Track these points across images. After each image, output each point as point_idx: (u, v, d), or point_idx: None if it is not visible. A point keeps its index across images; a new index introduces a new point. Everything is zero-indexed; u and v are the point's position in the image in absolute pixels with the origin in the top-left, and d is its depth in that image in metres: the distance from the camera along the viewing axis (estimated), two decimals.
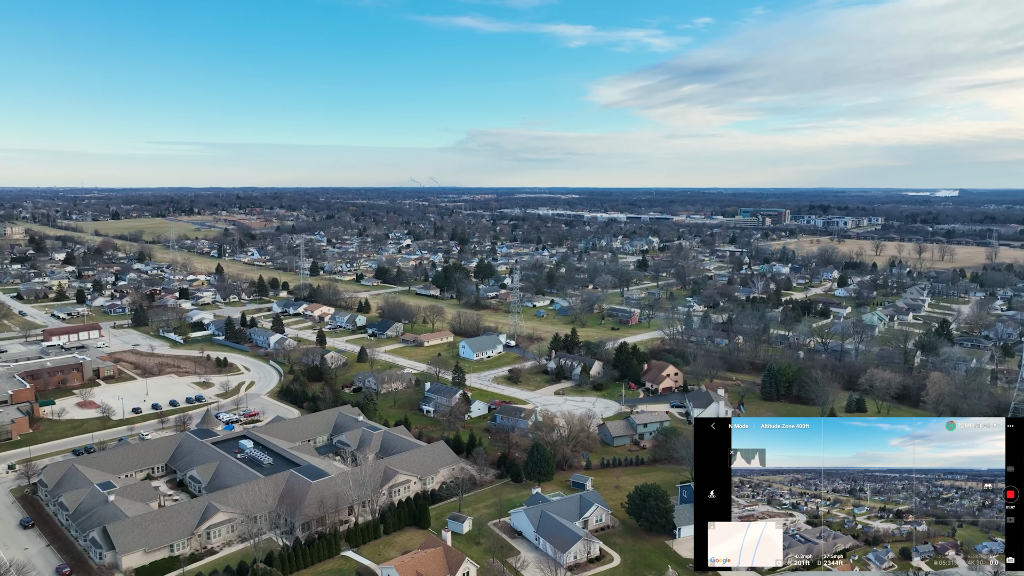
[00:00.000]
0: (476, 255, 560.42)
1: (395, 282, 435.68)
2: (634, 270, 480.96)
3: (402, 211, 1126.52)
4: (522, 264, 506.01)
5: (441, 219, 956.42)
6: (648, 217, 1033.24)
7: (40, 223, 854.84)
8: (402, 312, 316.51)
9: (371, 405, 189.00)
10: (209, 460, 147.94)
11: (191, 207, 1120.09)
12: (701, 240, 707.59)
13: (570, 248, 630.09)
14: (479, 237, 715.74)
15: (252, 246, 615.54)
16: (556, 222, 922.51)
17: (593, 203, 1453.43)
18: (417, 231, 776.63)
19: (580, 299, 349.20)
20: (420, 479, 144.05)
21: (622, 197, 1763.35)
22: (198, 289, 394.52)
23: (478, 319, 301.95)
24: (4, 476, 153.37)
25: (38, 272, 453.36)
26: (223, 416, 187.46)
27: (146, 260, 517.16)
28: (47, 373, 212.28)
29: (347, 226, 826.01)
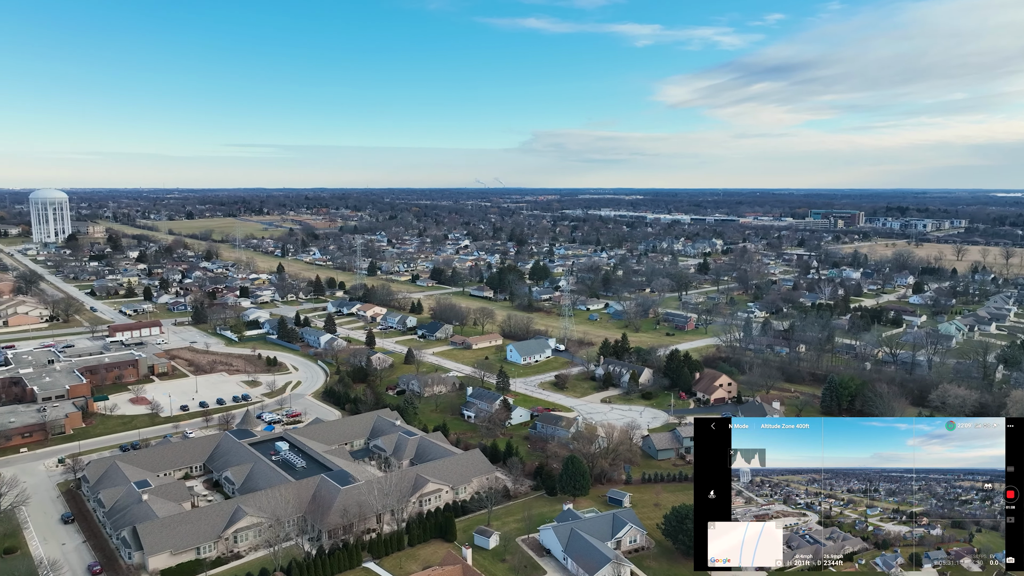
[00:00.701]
0: (533, 256, 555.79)
1: (450, 283, 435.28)
2: (694, 273, 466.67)
3: (464, 212, 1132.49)
4: (579, 266, 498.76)
5: (502, 220, 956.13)
6: (713, 219, 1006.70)
7: (121, 222, 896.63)
8: (453, 314, 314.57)
9: (411, 409, 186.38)
10: (244, 461, 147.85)
11: (261, 207, 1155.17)
12: (767, 243, 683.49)
13: (629, 250, 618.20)
14: (537, 238, 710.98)
15: (315, 246, 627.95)
16: (617, 223, 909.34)
17: (657, 204, 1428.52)
18: (476, 232, 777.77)
19: (635, 303, 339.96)
20: (452, 488, 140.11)
21: (688, 198, 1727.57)
22: (259, 288, 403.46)
23: (528, 322, 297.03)
24: (53, 470, 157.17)
25: (112, 269, 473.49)
26: (266, 416, 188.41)
27: (213, 259, 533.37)
28: (104, 369, 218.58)
29: (408, 226, 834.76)
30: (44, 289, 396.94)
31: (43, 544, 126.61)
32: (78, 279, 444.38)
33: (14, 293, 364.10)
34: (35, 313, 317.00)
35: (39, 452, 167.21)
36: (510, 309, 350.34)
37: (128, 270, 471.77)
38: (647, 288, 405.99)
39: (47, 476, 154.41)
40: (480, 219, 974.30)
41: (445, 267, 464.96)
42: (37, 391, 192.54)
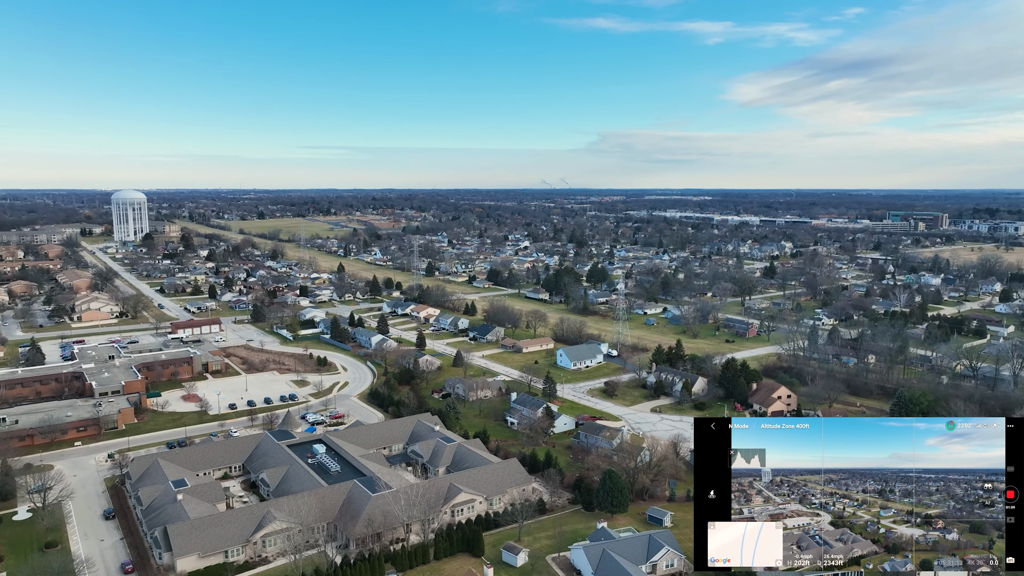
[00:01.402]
0: (592, 258, 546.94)
1: (507, 284, 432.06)
2: (759, 278, 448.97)
3: (526, 212, 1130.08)
4: (639, 269, 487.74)
5: (564, 221, 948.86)
6: (784, 220, 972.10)
7: (196, 222, 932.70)
8: (506, 316, 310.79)
9: (452, 414, 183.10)
10: (280, 464, 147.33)
11: (329, 207, 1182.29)
12: (840, 246, 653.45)
13: (692, 253, 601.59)
14: (598, 240, 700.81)
15: (376, 246, 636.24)
16: (682, 225, 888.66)
17: (726, 205, 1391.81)
18: (537, 233, 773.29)
19: (694, 308, 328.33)
20: (486, 499, 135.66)
21: (758, 199, 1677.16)
22: (318, 287, 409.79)
23: (581, 326, 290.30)
24: (102, 465, 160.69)
25: (183, 268, 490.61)
26: (310, 417, 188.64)
27: (278, 258, 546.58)
28: (160, 365, 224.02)
29: (470, 227, 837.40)
30: (118, 286, 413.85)
31: (83, 540, 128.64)
32: (150, 277, 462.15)
33: (90, 289, 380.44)
34: (106, 309, 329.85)
35: (92, 446, 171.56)
36: (564, 312, 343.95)
37: (197, 268, 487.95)
38: (708, 292, 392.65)
39: (96, 471, 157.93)
40: (542, 220, 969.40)
41: (502, 268, 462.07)
42: (95, 386, 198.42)
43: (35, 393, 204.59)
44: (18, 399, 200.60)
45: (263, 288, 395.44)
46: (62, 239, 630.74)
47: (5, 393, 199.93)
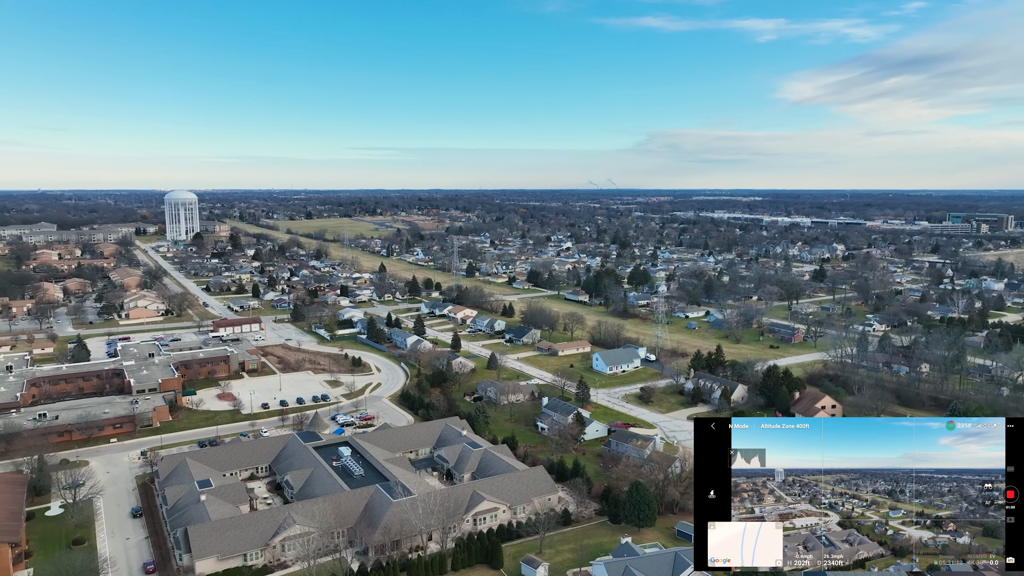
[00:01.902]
0: (635, 260, 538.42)
1: (546, 286, 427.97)
2: (808, 281, 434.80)
3: (571, 213, 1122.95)
4: (682, 271, 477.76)
5: (608, 222, 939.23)
6: (836, 222, 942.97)
7: (246, 222, 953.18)
8: (543, 318, 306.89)
9: (482, 418, 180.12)
10: (305, 466, 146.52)
11: (375, 208, 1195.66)
12: (895, 248, 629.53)
13: (739, 255, 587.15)
14: (642, 241, 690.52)
15: (419, 246, 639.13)
16: (730, 226, 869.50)
17: (776, 206, 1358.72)
18: (579, 234, 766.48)
19: (738, 311, 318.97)
20: (509, 507, 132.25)
21: (810, 200, 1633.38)
22: (359, 287, 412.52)
23: (618, 329, 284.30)
24: (135, 462, 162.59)
25: (229, 267, 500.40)
26: (339, 418, 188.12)
27: (322, 257, 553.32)
28: (198, 364, 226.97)
29: (513, 228, 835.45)
30: (166, 284, 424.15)
31: (109, 537, 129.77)
32: (198, 275, 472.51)
33: (139, 287, 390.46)
34: (152, 307, 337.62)
35: (127, 443, 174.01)
36: (603, 315, 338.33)
37: (243, 267, 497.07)
38: (754, 296, 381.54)
39: (128, 468, 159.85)
40: (586, 221, 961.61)
41: (542, 269, 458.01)
42: (133, 383, 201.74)
43: (78, 389, 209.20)
44: (61, 395, 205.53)
45: (305, 287, 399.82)
46: (117, 238, 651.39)
47: (49, 388, 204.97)
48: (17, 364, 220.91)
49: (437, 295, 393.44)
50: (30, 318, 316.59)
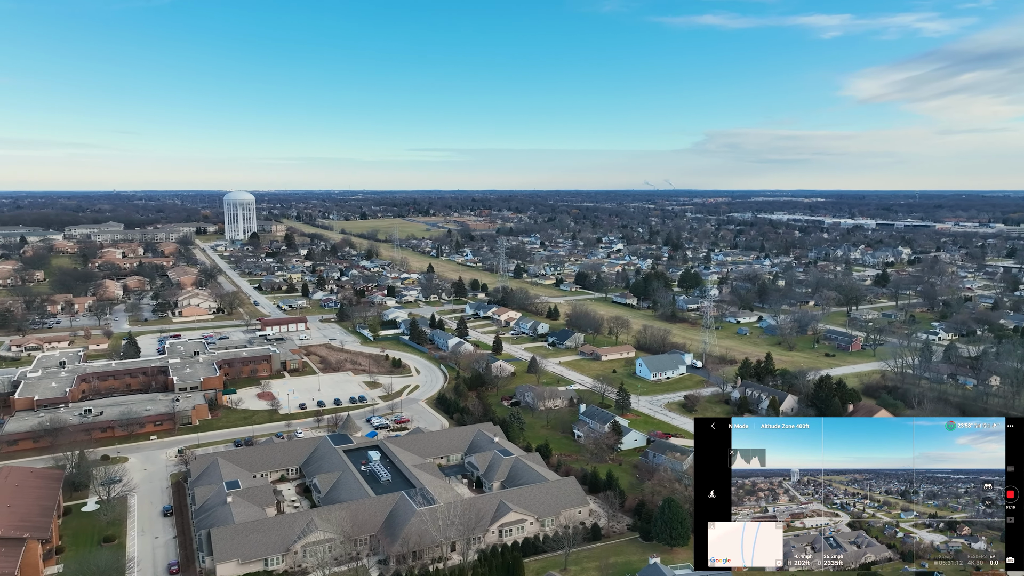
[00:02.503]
0: (687, 262, 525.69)
1: (594, 288, 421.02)
2: (869, 286, 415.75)
3: (624, 214, 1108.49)
4: (736, 274, 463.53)
5: (662, 223, 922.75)
6: (903, 224, 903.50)
7: (302, 222, 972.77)
8: (587, 321, 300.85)
9: (516, 424, 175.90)
10: (333, 469, 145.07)
11: (428, 208, 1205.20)
12: (967, 252, 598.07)
13: (797, 258, 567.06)
14: (696, 243, 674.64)
15: (468, 247, 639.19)
16: (789, 228, 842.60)
17: (840, 208, 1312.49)
18: (631, 235, 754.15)
19: (792, 317, 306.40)
20: (537, 519, 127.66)
21: (876, 201, 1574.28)
22: (407, 287, 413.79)
23: (664, 334, 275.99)
24: (171, 460, 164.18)
25: (282, 266, 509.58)
26: (374, 420, 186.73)
27: (372, 257, 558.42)
28: (241, 362, 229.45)
29: (564, 229, 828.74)
30: (221, 283, 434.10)
31: (139, 536, 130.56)
32: (252, 274, 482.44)
33: (194, 286, 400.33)
34: (204, 305, 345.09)
35: (166, 441, 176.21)
36: (651, 319, 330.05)
37: (296, 267, 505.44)
38: (810, 301, 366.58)
39: (165, 466, 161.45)
40: (639, 222, 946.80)
41: (591, 271, 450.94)
42: (176, 381, 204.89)
43: (125, 386, 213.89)
44: (110, 391, 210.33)
45: (353, 287, 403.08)
46: (178, 237, 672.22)
47: (98, 384, 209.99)
48: (71, 360, 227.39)
49: (483, 296, 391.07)
50: (90, 314, 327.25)
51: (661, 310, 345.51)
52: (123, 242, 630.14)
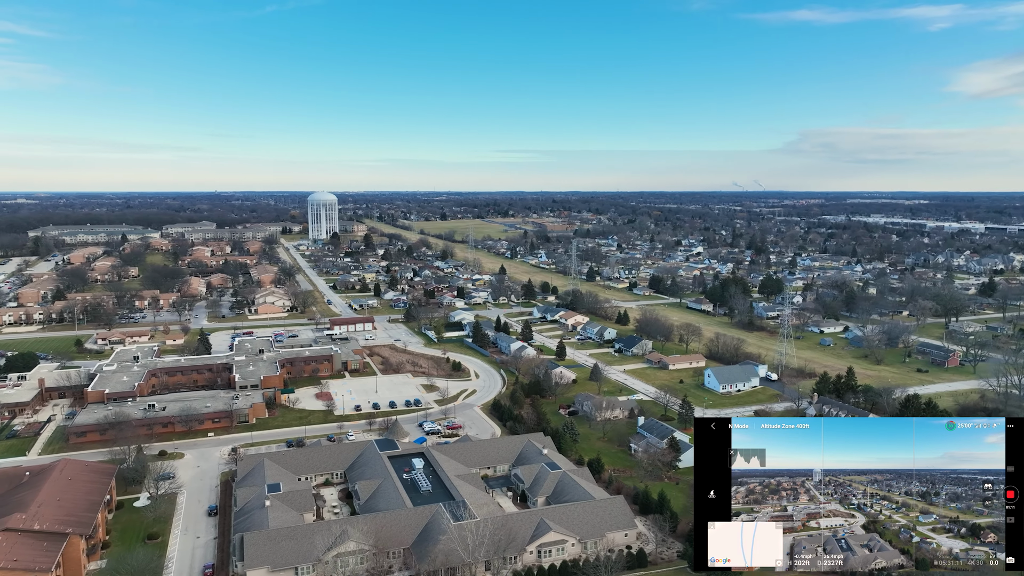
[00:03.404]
0: (770, 267, 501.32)
1: (668, 293, 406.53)
2: (973, 296, 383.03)
3: (707, 216, 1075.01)
4: (823, 280, 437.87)
5: (747, 226, 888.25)
6: (1017, 228, 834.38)
7: (384, 222, 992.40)
8: (657, 327, 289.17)
9: (568, 435, 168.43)
10: (375, 476, 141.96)
11: (507, 209, 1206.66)
12: None
13: (892, 264, 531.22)
14: (782, 247, 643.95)
15: (543, 248, 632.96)
16: (886, 232, 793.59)
17: (944, 210, 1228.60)
18: (713, 238, 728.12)
19: (881, 328, 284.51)
20: (579, 541, 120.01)
21: (987, 203, 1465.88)
22: (476, 288, 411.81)
23: (738, 344, 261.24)
24: (224, 458, 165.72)
25: (358, 266, 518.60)
26: (426, 425, 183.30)
27: (447, 258, 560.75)
28: (302, 361, 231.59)
29: (643, 230, 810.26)
30: (298, 281, 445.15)
31: (182, 535, 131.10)
32: (329, 273, 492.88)
33: (273, 284, 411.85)
34: (279, 303, 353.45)
35: (222, 438, 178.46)
36: (726, 326, 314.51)
37: (372, 266, 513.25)
38: (904, 311, 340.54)
39: (218, 464, 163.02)
40: (723, 224, 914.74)
41: (666, 275, 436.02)
42: (238, 379, 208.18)
43: (192, 382, 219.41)
44: (177, 386, 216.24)
45: (424, 288, 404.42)
46: (264, 236, 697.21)
47: (167, 380, 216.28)
48: (145, 355, 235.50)
49: (552, 299, 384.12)
50: (173, 310, 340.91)
51: (738, 317, 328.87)
52: (213, 240, 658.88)
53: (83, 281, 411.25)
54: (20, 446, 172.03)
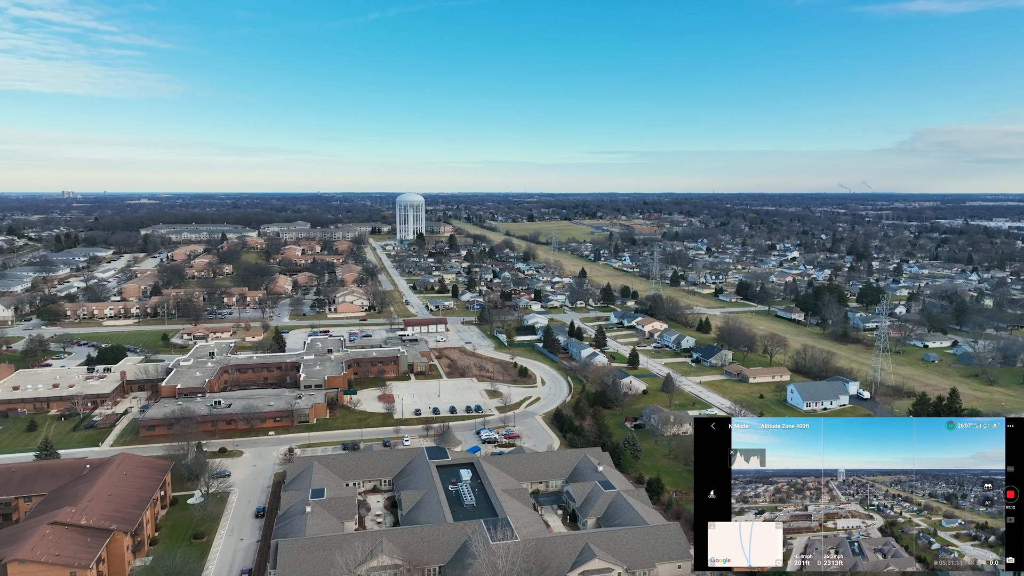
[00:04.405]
0: (871, 274, 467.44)
1: (757, 300, 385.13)
2: None
3: (808, 219, 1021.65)
4: (931, 290, 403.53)
5: (851, 229, 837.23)
6: None
7: (471, 223, 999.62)
8: (740, 337, 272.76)
9: (629, 452, 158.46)
10: (420, 486, 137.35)
11: (596, 211, 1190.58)
12: None
13: (1014, 273, 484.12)
14: (887, 253, 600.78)
15: (628, 251, 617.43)
16: (1009, 238, 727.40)
17: None
18: (811, 243, 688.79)
19: (996, 345, 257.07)
20: (627, 571, 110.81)
21: None
22: (554, 292, 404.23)
23: (828, 357, 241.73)
24: (279, 458, 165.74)
25: (440, 266, 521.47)
26: (483, 433, 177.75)
27: (529, 260, 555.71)
28: (369, 362, 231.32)
29: (736, 234, 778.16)
30: (380, 281, 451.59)
31: (227, 536, 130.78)
32: (411, 273, 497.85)
33: (355, 283, 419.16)
34: (358, 303, 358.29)
35: (282, 437, 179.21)
36: (817, 338, 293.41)
37: (453, 267, 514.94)
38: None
39: (273, 463, 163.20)
40: (824, 228, 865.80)
41: (754, 281, 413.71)
42: (303, 378, 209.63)
43: (262, 379, 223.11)
44: (247, 383, 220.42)
45: (501, 290, 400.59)
46: (354, 236, 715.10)
47: (238, 376, 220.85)
48: (220, 351, 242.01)
49: (631, 304, 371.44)
50: (258, 307, 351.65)
51: (830, 328, 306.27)
52: (305, 239, 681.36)
53: (181, 277, 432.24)
54: (95, 436, 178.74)
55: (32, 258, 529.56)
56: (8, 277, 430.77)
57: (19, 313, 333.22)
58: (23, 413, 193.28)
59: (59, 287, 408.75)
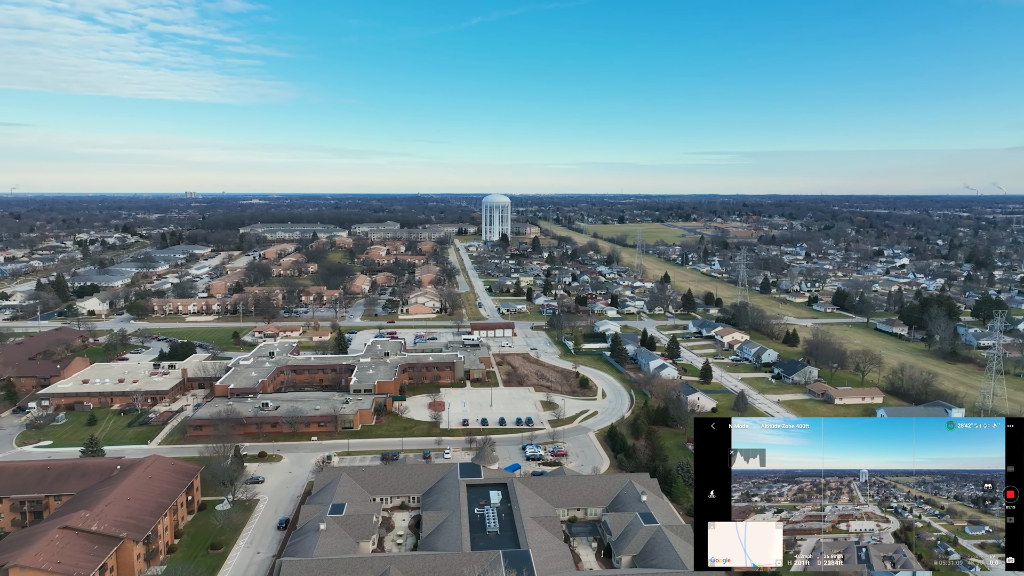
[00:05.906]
0: (992, 285, 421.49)
1: (855, 311, 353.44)
2: None
3: (924, 223, 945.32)
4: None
5: (974, 235, 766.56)
6: None
7: (560, 224, 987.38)
8: (829, 352, 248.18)
9: (682, 479, 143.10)
10: (445, 507, 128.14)
11: (690, 213, 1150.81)
12: None
13: None
14: (1013, 261, 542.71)
15: (718, 255, 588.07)
16: None
17: None
18: (924, 249, 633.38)
19: None
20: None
21: None
22: (633, 297, 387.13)
23: (929, 378, 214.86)
24: (317, 465, 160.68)
25: (520, 268, 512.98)
26: (528, 449, 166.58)
27: (612, 263, 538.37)
28: (423, 367, 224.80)
29: (840, 238, 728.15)
30: (458, 282, 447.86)
31: (245, 548, 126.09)
32: (489, 275, 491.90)
33: (432, 284, 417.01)
34: (429, 304, 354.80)
35: (324, 443, 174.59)
36: (920, 355, 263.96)
37: (533, 269, 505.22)
38: None
39: (309, 470, 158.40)
40: (941, 233, 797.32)
41: (853, 290, 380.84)
42: (353, 383, 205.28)
43: (317, 381, 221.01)
44: (302, 384, 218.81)
45: (576, 294, 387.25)
46: (439, 237, 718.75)
47: (293, 377, 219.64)
48: (281, 351, 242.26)
49: (714, 312, 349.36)
50: (332, 307, 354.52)
51: (937, 345, 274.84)
52: (391, 240, 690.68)
53: (266, 275, 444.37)
54: (147, 434, 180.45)
55: (137, 255, 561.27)
56: (112, 272, 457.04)
57: (114, 308, 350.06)
58: (88, 407, 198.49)
59: (156, 283, 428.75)
